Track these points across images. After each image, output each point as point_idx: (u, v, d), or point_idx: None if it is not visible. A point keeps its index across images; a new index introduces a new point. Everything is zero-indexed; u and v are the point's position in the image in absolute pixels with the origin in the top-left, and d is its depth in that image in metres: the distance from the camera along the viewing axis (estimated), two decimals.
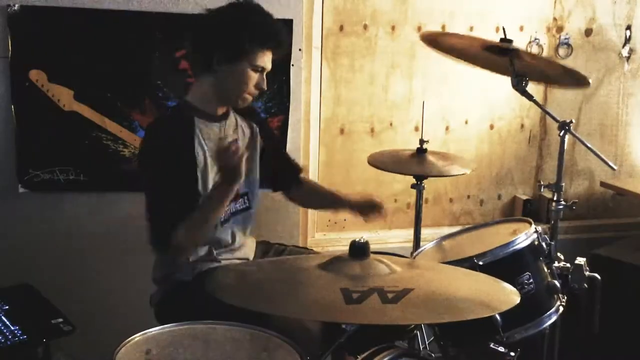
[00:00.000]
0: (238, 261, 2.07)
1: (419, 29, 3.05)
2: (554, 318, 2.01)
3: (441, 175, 2.69)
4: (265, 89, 2.06)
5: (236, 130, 2.14)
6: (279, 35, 2.04)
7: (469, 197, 3.32)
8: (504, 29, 2.20)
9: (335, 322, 1.53)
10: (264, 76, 2.03)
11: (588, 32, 3.30)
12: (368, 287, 1.43)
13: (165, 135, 1.97)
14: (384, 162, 2.61)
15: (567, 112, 3.30)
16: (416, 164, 2.57)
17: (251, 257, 2.14)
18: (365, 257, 1.56)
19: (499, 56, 2.20)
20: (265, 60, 2.00)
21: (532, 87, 2.17)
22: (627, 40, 3.37)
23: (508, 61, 2.15)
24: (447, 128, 3.19)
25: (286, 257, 2.19)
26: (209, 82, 2.02)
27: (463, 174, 2.60)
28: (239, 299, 1.47)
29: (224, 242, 2.07)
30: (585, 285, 2.06)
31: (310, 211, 2.95)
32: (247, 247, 2.15)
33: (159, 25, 2.54)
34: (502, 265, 1.95)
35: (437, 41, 2.38)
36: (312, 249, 2.45)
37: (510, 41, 2.18)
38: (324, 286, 1.47)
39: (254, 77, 2.00)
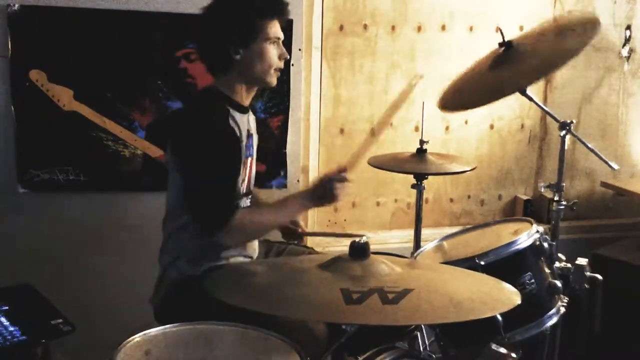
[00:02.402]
0: (243, 259, 2.07)
1: (419, 29, 3.05)
2: (555, 318, 2.01)
3: (441, 172, 2.66)
4: (288, 56, 2.06)
5: (255, 125, 2.16)
6: (280, 0, 2.04)
7: (469, 197, 3.32)
8: (501, 30, 2.19)
9: (335, 322, 1.53)
10: (281, 45, 2.03)
11: None
12: (368, 288, 1.43)
13: (212, 119, 1.95)
14: (384, 162, 2.61)
15: (567, 112, 3.30)
16: (416, 163, 2.57)
17: (255, 256, 2.14)
18: (366, 258, 1.55)
19: (503, 64, 2.19)
20: (277, 29, 2.01)
21: (532, 88, 2.16)
22: (627, 40, 3.37)
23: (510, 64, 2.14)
24: (447, 128, 3.19)
25: (286, 257, 2.19)
26: (234, 73, 2.00)
27: (463, 172, 2.59)
28: (239, 299, 1.46)
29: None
30: (586, 285, 2.06)
31: (310, 211, 2.94)
32: (252, 245, 2.15)
33: (159, 25, 2.54)
34: (504, 265, 1.95)
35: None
36: (312, 249, 2.45)
37: (510, 43, 2.17)
38: (324, 286, 1.46)
39: (273, 50, 2.00)
